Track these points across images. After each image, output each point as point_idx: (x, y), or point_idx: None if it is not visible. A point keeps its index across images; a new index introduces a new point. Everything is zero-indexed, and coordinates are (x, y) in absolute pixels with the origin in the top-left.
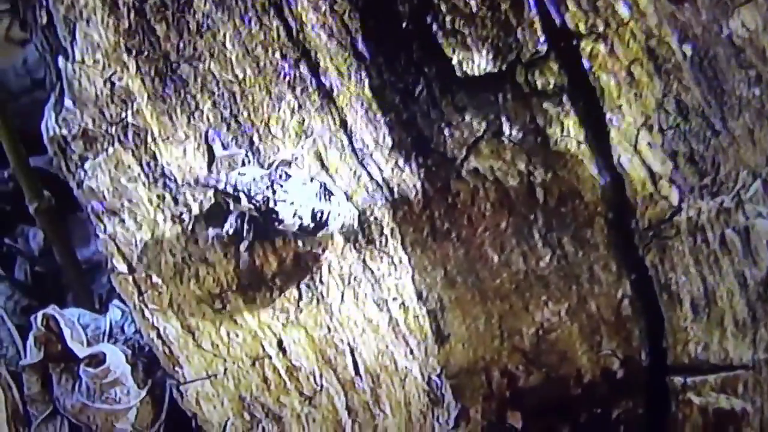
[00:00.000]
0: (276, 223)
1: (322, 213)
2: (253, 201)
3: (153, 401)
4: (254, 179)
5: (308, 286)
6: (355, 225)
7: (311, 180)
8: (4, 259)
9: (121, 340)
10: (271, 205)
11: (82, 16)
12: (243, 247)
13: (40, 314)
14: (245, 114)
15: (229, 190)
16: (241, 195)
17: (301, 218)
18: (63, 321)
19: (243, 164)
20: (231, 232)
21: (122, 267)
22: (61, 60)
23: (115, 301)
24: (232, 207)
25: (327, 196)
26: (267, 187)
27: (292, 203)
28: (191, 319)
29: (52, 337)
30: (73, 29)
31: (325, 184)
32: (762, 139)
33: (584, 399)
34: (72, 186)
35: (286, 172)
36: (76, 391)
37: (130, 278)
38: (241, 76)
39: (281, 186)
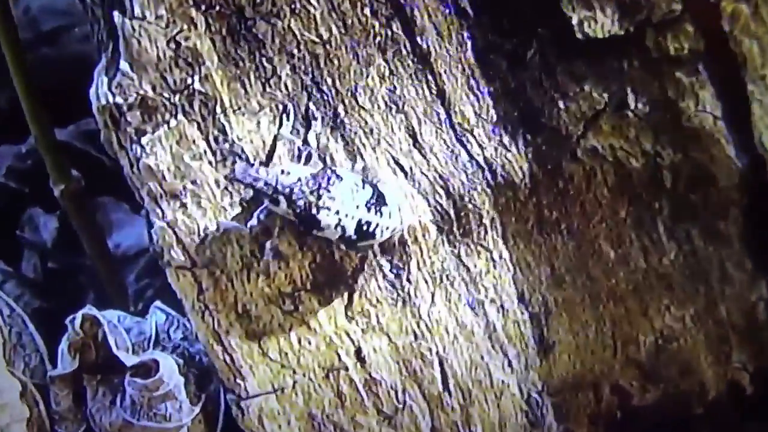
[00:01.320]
0: (315, 231)
1: (369, 225)
2: (294, 205)
3: (206, 419)
4: (299, 180)
5: (393, 286)
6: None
7: (363, 186)
8: (10, 252)
9: (169, 347)
10: (313, 211)
11: None
12: (269, 245)
13: (78, 315)
14: (329, 81)
15: (268, 190)
16: (281, 198)
17: (344, 228)
18: (106, 324)
19: (298, 158)
20: (256, 227)
21: (181, 260)
22: (116, 15)
23: (158, 302)
24: (268, 205)
25: (378, 207)
26: (311, 192)
27: (337, 212)
28: (258, 322)
29: (89, 342)
30: None
31: (378, 192)
32: None
33: (708, 420)
34: (124, 164)
35: (336, 175)
36: (116, 406)
37: (190, 273)
38: (325, 36)
39: (328, 191)
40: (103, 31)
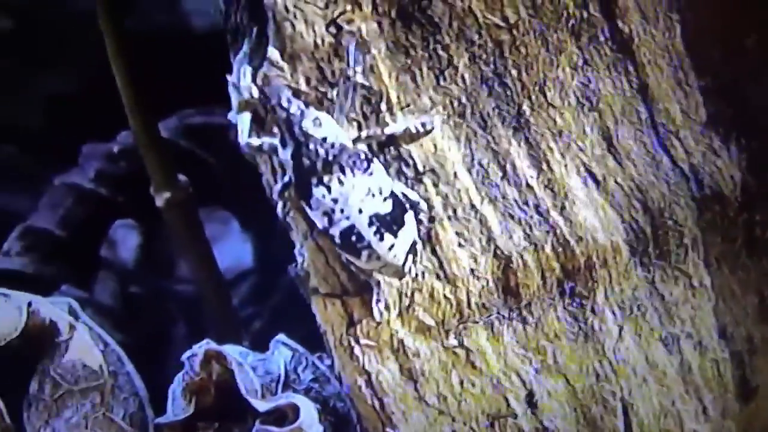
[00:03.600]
0: (303, 202)
1: (358, 238)
2: (298, 161)
3: None
4: (324, 140)
5: (575, 318)
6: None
7: (386, 199)
8: (85, 273)
9: (300, 390)
10: (312, 180)
11: None
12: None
13: (200, 351)
14: (514, 73)
15: (284, 125)
16: (290, 143)
17: (330, 221)
18: (234, 362)
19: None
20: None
21: (329, 287)
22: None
23: (281, 336)
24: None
25: (382, 230)
26: (325, 160)
27: (335, 200)
28: (418, 360)
29: (208, 384)
30: None
31: (398, 218)
32: None
33: None
34: (264, 171)
35: (368, 164)
36: None
37: (339, 302)
38: (512, 19)
39: (342, 173)
40: (244, 11)
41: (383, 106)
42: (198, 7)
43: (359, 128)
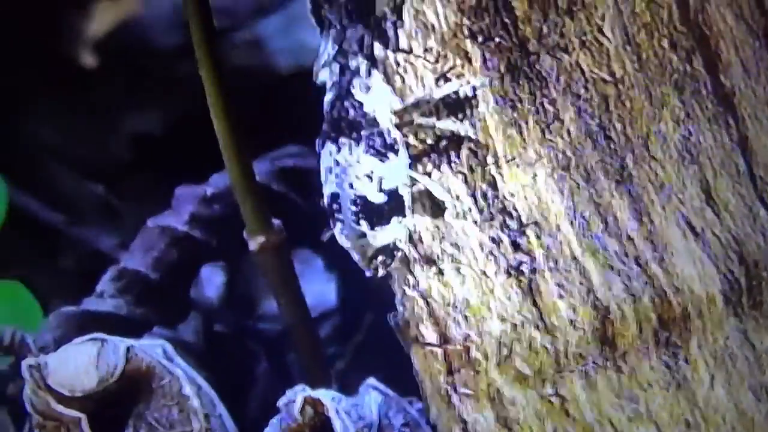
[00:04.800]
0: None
1: (337, 208)
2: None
3: None
4: (362, 106)
5: (668, 366)
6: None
7: (381, 188)
8: (174, 314)
9: None
10: (328, 140)
11: None
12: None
13: (298, 398)
14: (618, 126)
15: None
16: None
17: (324, 179)
18: (331, 408)
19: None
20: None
21: (431, 336)
22: (376, 45)
23: (371, 380)
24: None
25: (368, 217)
26: (351, 125)
27: (338, 164)
28: (514, 408)
29: (304, 430)
30: (400, 4)
31: (394, 210)
32: None
33: None
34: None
35: (389, 150)
36: None
37: (440, 351)
38: (618, 73)
39: (359, 144)
40: (345, 58)
41: (489, 159)
42: (283, 47)
43: (465, 181)
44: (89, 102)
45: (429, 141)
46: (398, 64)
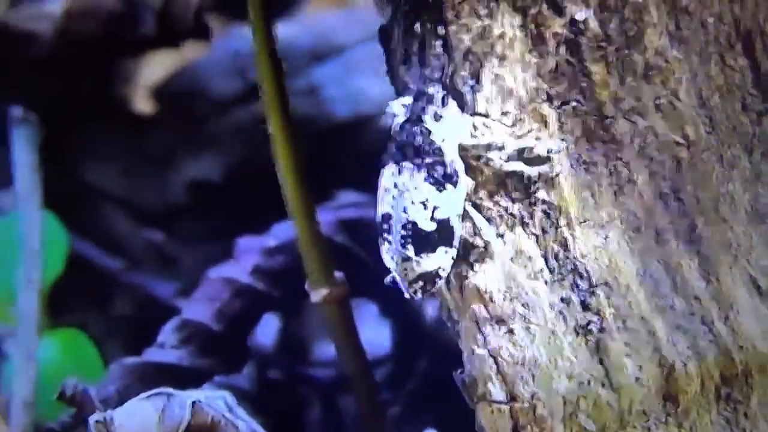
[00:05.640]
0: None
1: (388, 228)
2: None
3: None
4: (430, 133)
5: (728, 422)
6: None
7: (433, 216)
8: (234, 364)
9: None
10: (390, 159)
11: (493, 50)
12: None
13: None
14: (689, 188)
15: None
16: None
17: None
18: None
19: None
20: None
21: (499, 394)
22: (453, 107)
23: (431, 430)
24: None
25: (415, 242)
26: (416, 151)
27: (396, 186)
28: None
29: None
30: (479, 69)
31: (441, 238)
32: None
33: None
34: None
35: (448, 181)
36: None
37: (507, 409)
38: (692, 136)
39: (420, 171)
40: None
41: (562, 221)
42: (337, 95)
43: (537, 242)
44: (147, 148)
45: (503, 203)
46: (476, 128)
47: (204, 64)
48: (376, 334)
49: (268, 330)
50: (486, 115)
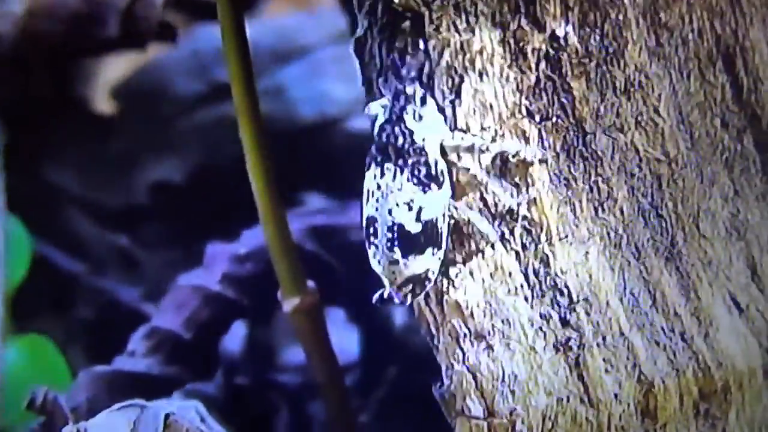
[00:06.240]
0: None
1: (373, 232)
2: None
3: None
4: (412, 134)
5: None
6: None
7: (419, 218)
8: (204, 372)
9: None
10: (373, 162)
11: (474, 66)
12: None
13: None
14: (670, 205)
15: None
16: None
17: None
18: None
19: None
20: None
21: (477, 410)
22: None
23: None
24: None
25: (402, 244)
26: (398, 152)
27: (379, 188)
28: None
29: None
30: (459, 83)
31: (428, 241)
32: None
33: None
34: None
35: (433, 182)
36: None
37: (485, 425)
38: (672, 152)
39: (403, 172)
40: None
41: (542, 237)
42: (302, 96)
43: (517, 258)
44: (109, 149)
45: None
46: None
47: (166, 63)
48: (344, 340)
49: (235, 336)
50: (466, 130)
